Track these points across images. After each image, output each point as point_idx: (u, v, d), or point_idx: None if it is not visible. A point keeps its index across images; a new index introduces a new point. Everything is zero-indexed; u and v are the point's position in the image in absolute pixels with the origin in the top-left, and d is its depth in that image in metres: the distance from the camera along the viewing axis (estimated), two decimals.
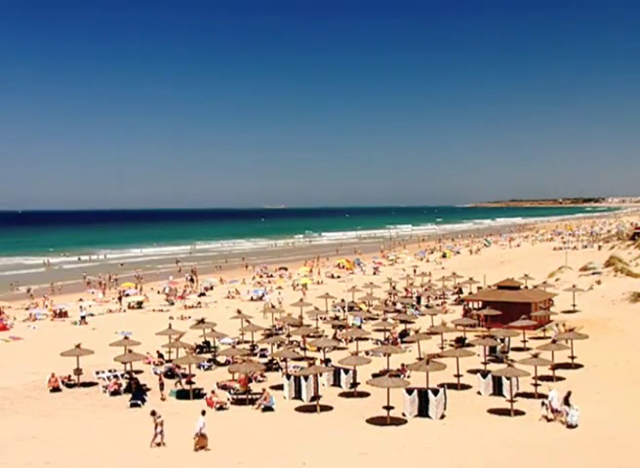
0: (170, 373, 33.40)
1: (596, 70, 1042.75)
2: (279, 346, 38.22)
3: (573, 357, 33.80)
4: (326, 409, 27.60)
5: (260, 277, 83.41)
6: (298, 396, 29.32)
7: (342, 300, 53.09)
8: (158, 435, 23.34)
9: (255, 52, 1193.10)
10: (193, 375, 32.04)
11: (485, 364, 33.64)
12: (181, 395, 30.28)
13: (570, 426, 24.16)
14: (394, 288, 60.47)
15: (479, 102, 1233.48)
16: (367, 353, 36.35)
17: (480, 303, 46.26)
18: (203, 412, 23.82)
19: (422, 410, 26.15)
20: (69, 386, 32.45)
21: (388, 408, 25.94)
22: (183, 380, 31.56)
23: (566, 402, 24.71)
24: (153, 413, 23.66)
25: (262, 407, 28.09)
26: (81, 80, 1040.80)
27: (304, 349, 38.87)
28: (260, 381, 32.50)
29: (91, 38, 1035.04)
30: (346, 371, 31.35)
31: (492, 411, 26.57)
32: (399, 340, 40.66)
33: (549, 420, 24.99)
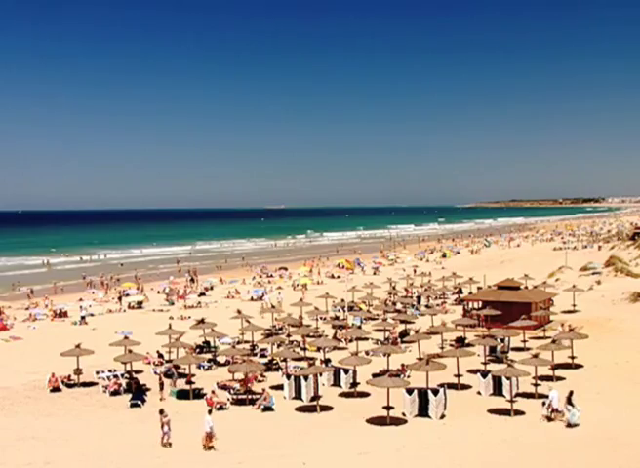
0: (170, 373, 33.42)
1: (596, 70, 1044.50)
2: (279, 346, 38.23)
3: (573, 357, 33.80)
4: (326, 409, 27.58)
5: (260, 277, 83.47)
6: (298, 396, 29.31)
7: (342, 300, 53.07)
8: (165, 434, 23.33)
9: (255, 52, 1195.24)
10: (193, 375, 32.04)
11: (485, 364, 33.63)
12: (181, 395, 30.29)
13: (569, 425, 24.17)
14: (394, 288, 60.47)
15: (479, 102, 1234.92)
16: (367, 353, 36.36)
17: (480, 303, 46.28)
18: (209, 412, 23.84)
19: (422, 410, 26.15)
20: (69, 386, 32.45)
21: (388, 408, 25.93)
22: (179, 380, 31.63)
23: (569, 401, 24.70)
24: (161, 412, 23.64)
25: (262, 407, 28.10)
26: (81, 80, 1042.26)
27: (304, 349, 38.88)
28: (260, 381, 32.51)
29: (91, 38, 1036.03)
30: (346, 371, 31.34)
31: (492, 411, 26.56)
32: (399, 340, 40.67)
33: (550, 420, 24.98)
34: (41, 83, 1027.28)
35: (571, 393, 25.07)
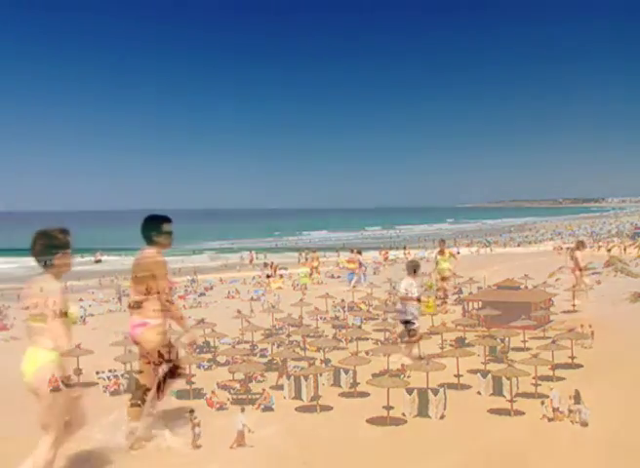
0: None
1: (596, 71, 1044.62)
2: (279, 346, 38.24)
3: (573, 357, 33.79)
4: (326, 409, 27.62)
5: (260, 277, 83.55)
6: (297, 396, 29.33)
7: (342, 300, 53.10)
8: (196, 436, 23.25)
9: (254, 53, 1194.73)
10: (193, 375, 32.03)
11: (485, 364, 33.65)
12: (181, 395, 30.31)
13: (585, 424, 24.20)
14: (394, 288, 60.48)
15: (480, 103, 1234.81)
16: (367, 353, 36.36)
17: (480, 303, 46.27)
18: (242, 410, 23.86)
19: (422, 410, 26.17)
20: (69, 386, 32.48)
21: (388, 408, 25.96)
22: (178, 380, 31.63)
23: (577, 400, 24.71)
24: (191, 412, 23.56)
25: (262, 407, 28.11)
26: (81, 81, 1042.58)
27: (304, 349, 38.90)
28: (260, 381, 32.52)
29: (91, 41, 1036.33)
30: (346, 371, 31.36)
31: (492, 411, 26.56)
32: (399, 340, 40.66)
33: (550, 420, 25.01)
34: (41, 84, 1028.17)
35: (577, 392, 25.07)
